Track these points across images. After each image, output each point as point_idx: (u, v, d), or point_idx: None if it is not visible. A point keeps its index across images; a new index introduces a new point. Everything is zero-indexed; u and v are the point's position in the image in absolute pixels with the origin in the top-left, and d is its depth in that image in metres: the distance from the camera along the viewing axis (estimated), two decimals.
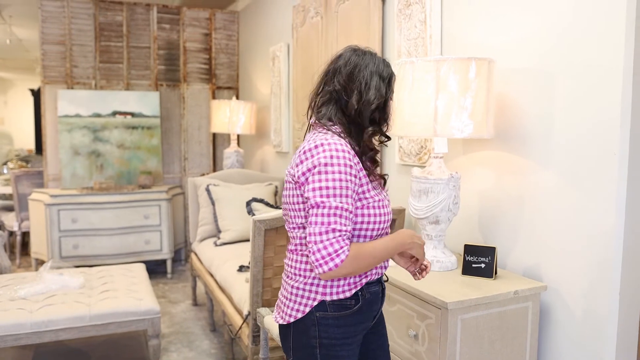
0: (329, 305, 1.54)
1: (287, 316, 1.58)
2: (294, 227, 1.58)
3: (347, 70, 1.57)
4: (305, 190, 1.47)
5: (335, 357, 1.56)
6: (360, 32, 3.24)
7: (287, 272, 1.62)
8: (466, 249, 2.14)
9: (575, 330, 1.97)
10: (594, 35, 1.86)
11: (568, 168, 1.98)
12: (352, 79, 1.56)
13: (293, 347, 1.60)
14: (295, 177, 1.51)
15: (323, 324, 1.54)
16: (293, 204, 1.54)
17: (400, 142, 2.90)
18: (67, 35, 5.29)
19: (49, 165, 5.37)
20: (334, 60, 1.63)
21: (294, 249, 1.59)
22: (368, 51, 1.62)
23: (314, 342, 1.54)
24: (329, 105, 1.60)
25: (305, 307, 1.54)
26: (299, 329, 1.56)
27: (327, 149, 1.47)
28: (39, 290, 3.16)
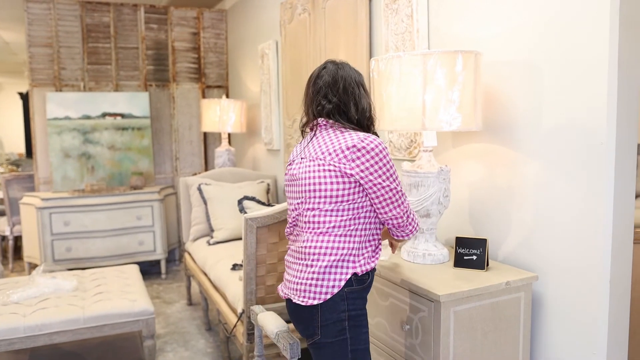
0: (354, 280, 1.77)
1: (322, 295, 1.74)
2: (329, 210, 1.76)
3: (340, 85, 1.82)
4: (375, 184, 1.74)
5: (359, 327, 1.80)
6: (348, 28, 3.24)
7: (313, 253, 1.78)
8: (457, 241, 2.15)
9: (567, 319, 1.99)
10: (580, 27, 1.87)
11: (556, 159, 1.99)
12: (346, 92, 1.82)
13: (322, 325, 1.77)
14: (352, 170, 1.73)
15: (351, 298, 1.78)
16: (335, 191, 1.75)
17: (390, 137, 2.91)
18: (54, 38, 5.26)
19: (40, 168, 5.34)
20: (320, 75, 1.86)
21: (325, 231, 1.77)
22: (343, 62, 1.88)
23: (344, 315, 1.77)
24: (336, 115, 1.83)
25: (340, 282, 1.75)
26: (328, 306, 1.75)
27: (376, 145, 1.74)
28: (32, 294, 3.15)
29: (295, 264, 1.85)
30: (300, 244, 1.84)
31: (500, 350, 1.98)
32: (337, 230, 1.77)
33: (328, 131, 1.83)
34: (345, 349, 1.78)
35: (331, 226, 1.77)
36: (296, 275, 1.82)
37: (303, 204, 1.83)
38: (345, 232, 1.77)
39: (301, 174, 1.83)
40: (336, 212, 1.76)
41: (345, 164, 1.73)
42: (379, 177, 1.74)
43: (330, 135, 1.81)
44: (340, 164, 1.74)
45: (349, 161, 1.73)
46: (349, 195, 1.75)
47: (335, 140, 1.78)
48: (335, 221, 1.77)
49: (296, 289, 1.80)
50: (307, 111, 1.90)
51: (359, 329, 1.80)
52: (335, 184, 1.75)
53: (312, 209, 1.79)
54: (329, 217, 1.77)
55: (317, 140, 1.84)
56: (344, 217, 1.77)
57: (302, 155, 1.87)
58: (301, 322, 1.84)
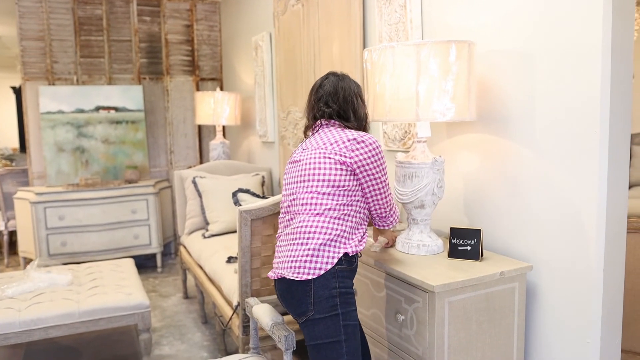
0: (344, 260, 1.90)
1: (315, 270, 1.86)
2: (326, 193, 1.92)
3: (340, 94, 2.03)
4: (368, 173, 1.93)
5: (349, 304, 1.91)
6: (341, 19, 3.23)
7: (308, 232, 1.90)
8: (452, 232, 2.15)
9: (561, 309, 1.99)
10: (574, 16, 1.86)
11: (550, 148, 1.99)
12: (345, 101, 2.04)
13: (314, 301, 1.87)
14: (351, 160, 1.91)
15: (340, 276, 1.89)
16: (332, 176, 1.92)
17: (384, 128, 2.90)
18: (46, 31, 5.22)
19: (34, 163, 5.31)
20: (322, 85, 2.07)
21: (320, 212, 1.91)
22: (344, 74, 2.11)
23: (335, 292, 1.87)
24: (336, 117, 2.04)
25: (333, 259, 1.87)
26: (320, 282, 1.86)
27: (373, 141, 1.95)
28: (27, 289, 3.14)
29: (289, 244, 1.95)
30: (295, 226, 1.95)
31: (494, 340, 1.99)
32: (332, 212, 1.91)
33: (330, 128, 2.03)
34: (338, 323, 1.87)
35: (327, 208, 1.91)
36: (290, 255, 1.92)
37: (301, 187, 1.97)
38: (339, 215, 1.92)
39: (303, 160, 2.00)
40: (332, 196, 1.92)
41: (345, 153, 1.91)
42: (373, 169, 1.94)
43: (332, 131, 2.01)
44: (340, 152, 1.92)
45: (348, 151, 1.92)
46: (344, 181, 1.92)
47: (337, 134, 1.97)
48: (331, 204, 1.91)
49: (290, 267, 1.90)
50: (309, 116, 2.11)
51: (349, 307, 1.91)
52: (334, 170, 1.92)
53: (310, 191, 1.93)
54: (325, 200, 1.91)
55: (320, 135, 2.02)
56: (338, 202, 1.92)
57: (304, 147, 2.05)
58: (293, 300, 1.92)
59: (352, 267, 1.94)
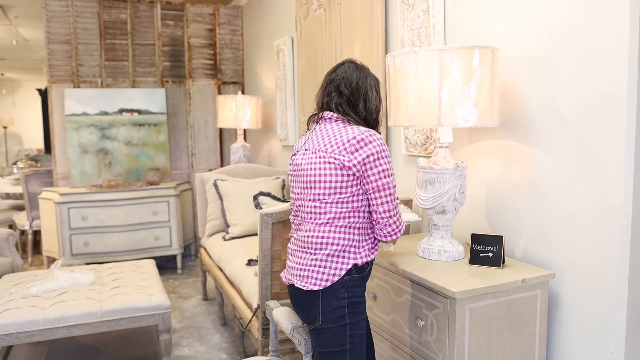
0: (354, 269, 1.85)
1: (323, 281, 1.82)
2: (331, 202, 1.83)
3: (354, 80, 1.90)
4: (369, 175, 1.80)
5: (358, 314, 1.88)
6: (364, 23, 3.23)
7: (316, 243, 1.85)
8: (473, 238, 2.14)
9: (584, 318, 1.97)
10: (598, 20, 1.85)
11: (574, 155, 1.97)
12: (357, 88, 1.90)
13: (322, 312, 1.84)
14: (350, 162, 1.79)
15: (350, 286, 1.85)
16: (337, 182, 1.82)
17: (405, 133, 2.90)
18: (72, 35, 5.32)
19: (58, 164, 5.41)
20: (336, 69, 1.95)
21: (326, 222, 1.84)
22: (364, 66, 1.97)
23: (344, 302, 1.84)
24: (344, 106, 1.90)
25: (341, 271, 1.82)
26: (329, 293, 1.83)
27: (377, 138, 1.82)
28: (51, 288, 3.19)
29: (299, 251, 1.92)
30: (303, 233, 1.91)
31: (515, 348, 1.97)
32: (338, 221, 1.84)
33: (332, 124, 1.90)
34: (344, 333, 1.86)
35: (332, 217, 1.84)
36: (299, 262, 1.90)
37: (305, 195, 1.90)
38: (345, 223, 1.85)
39: (304, 165, 1.90)
40: (336, 204, 1.84)
41: (345, 156, 1.80)
42: (374, 168, 1.81)
43: (334, 127, 1.88)
44: (341, 156, 1.81)
45: (348, 153, 1.80)
46: (347, 187, 1.82)
47: (338, 133, 1.85)
48: (336, 212, 1.84)
49: (299, 275, 1.88)
50: (318, 101, 1.99)
51: (358, 316, 1.88)
52: (335, 176, 1.82)
53: (313, 199, 1.86)
54: (329, 209, 1.84)
55: (322, 132, 1.90)
56: (343, 209, 1.84)
57: (306, 146, 1.94)
58: (302, 307, 1.93)
59: (362, 275, 1.90)
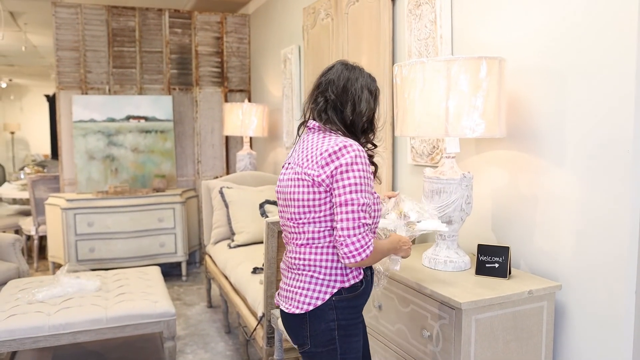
0: (343, 290, 1.72)
1: (305, 305, 1.71)
2: (307, 222, 1.71)
3: (341, 83, 1.76)
4: (335, 188, 1.65)
5: (350, 336, 1.74)
6: (371, 33, 3.25)
7: (298, 265, 1.75)
8: (479, 248, 2.13)
9: (591, 330, 1.96)
10: (606, 32, 1.85)
11: (581, 167, 1.96)
12: (345, 91, 1.76)
13: (310, 335, 1.73)
14: (319, 178, 1.67)
15: (340, 307, 1.71)
16: (310, 200, 1.69)
17: (412, 143, 2.90)
18: (81, 42, 5.36)
19: (65, 169, 5.43)
20: (326, 72, 1.83)
21: (305, 243, 1.73)
22: (357, 66, 1.83)
23: (333, 324, 1.71)
24: (328, 113, 1.77)
25: (325, 295, 1.70)
26: (316, 315, 1.71)
27: (350, 150, 1.66)
28: (57, 294, 3.20)
29: (285, 271, 1.85)
30: (288, 254, 1.83)
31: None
32: (317, 242, 1.72)
33: (313, 135, 1.78)
34: (335, 357, 1.74)
35: (310, 237, 1.72)
36: (287, 283, 1.82)
37: (284, 214, 1.81)
38: (325, 243, 1.72)
39: (284, 181, 1.80)
40: (313, 224, 1.71)
41: (316, 170, 1.68)
42: (340, 181, 1.64)
43: (313, 139, 1.76)
44: (312, 170, 1.69)
45: (319, 167, 1.67)
46: (321, 205, 1.69)
47: (315, 145, 1.73)
48: (313, 232, 1.72)
49: (285, 297, 1.81)
50: (304, 108, 1.88)
51: (350, 339, 1.75)
52: (307, 194, 1.70)
53: (291, 218, 1.76)
54: (307, 228, 1.72)
55: (303, 143, 1.80)
56: (321, 228, 1.71)
57: (290, 159, 1.84)
58: (291, 330, 1.83)
59: (355, 294, 1.76)
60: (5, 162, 12.72)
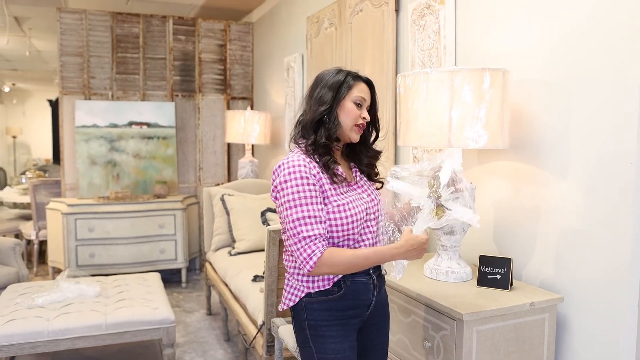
0: (313, 293, 1.78)
1: (287, 301, 1.83)
2: (283, 231, 1.78)
3: (304, 101, 1.84)
4: (275, 199, 1.75)
5: (322, 337, 1.78)
6: (374, 43, 3.26)
7: (285, 268, 1.88)
8: (481, 259, 2.13)
9: (593, 343, 1.95)
10: (610, 45, 1.86)
11: (584, 179, 1.96)
12: (309, 106, 1.82)
13: (295, 329, 1.88)
14: (272, 194, 1.78)
15: (309, 308, 1.78)
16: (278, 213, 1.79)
17: (414, 153, 2.90)
18: (85, 47, 5.38)
19: (67, 174, 5.44)
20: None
21: (285, 250, 1.84)
22: (319, 75, 1.85)
23: (304, 324, 1.80)
24: (298, 128, 1.85)
25: (296, 297, 1.80)
26: (295, 313, 1.83)
27: (285, 167, 1.70)
28: (56, 299, 3.19)
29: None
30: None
31: None
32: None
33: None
34: (312, 356, 1.80)
35: (287, 243, 1.79)
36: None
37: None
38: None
39: None
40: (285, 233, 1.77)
41: (271, 188, 1.79)
42: (277, 200, 1.74)
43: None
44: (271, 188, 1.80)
45: (271, 187, 1.78)
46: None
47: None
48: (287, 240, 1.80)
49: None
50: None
51: (322, 339, 1.77)
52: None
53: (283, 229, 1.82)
54: (284, 236, 1.79)
55: None
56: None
57: None
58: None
59: (326, 298, 1.76)
60: (7, 166, 12.74)
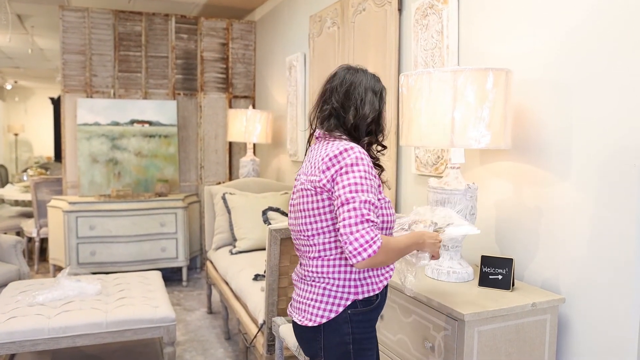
0: (358, 302, 1.68)
1: (318, 317, 1.68)
2: (315, 233, 1.69)
3: (344, 89, 1.75)
4: (335, 190, 1.61)
5: (365, 350, 1.70)
6: (377, 42, 3.25)
7: (311, 277, 1.72)
8: (483, 260, 2.13)
9: (594, 344, 1.94)
10: (612, 46, 1.85)
11: (587, 179, 1.96)
12: (348, 97, 1.74)
13: (324, 347, 1.70)
14: (320, 183, 1.65)
15: (355, 321, 1.68)
16: (315, 210, 1.68)
17: (416, 152, 2.90)
18: (87, 45, 5.38)
19: (68, 172, 5.44)
20: (330, 80, 1.82)
21: (317, 256, 1.70)
22: (360, 68, 1.81)
23: (348, 338, 1.67)
24: (331, 120, 1.76)
25: (338, 307, 1.67)
26: (331, 328, 1.68)
27: (351, 153, 1.63)
28: (57, 297, 3.19)
29: (298, 282, 1.82)
30: (300, 266, 1.83)
31: None
32: (328, 253, 1.69)
33: (320, 144, 1.78)
34: None
35: (321, 249, 1.69)
36: (300, 294, 1.79)
37: (295, 226, 1.79)
38: (336, 255, 1.68)
39: (294, 194, 1.80)
40: (322, 235, 1.68)
41: (317, 175, 1.67)
42: (341, 182, 1.60)
43: (319, 147, 1.76)
44: (314, 176, 1.68)
45: (320, 172, 1.66)
46: (326, 213, 1.66)
47: (320, 152, 1.73)
48: (323, 244, 1.69)
49: (298, 308, 1.78)
50: (310, 119, 1.86)
51: (364, 352, 1.71)
52: (311, 203, 1.68)
53: (301, 230, 1.74)
54: (316, 240, 1.70)
55: (311, 153, 1.80)
56: (331, 239, 1.68)
57: (299, 171, 1.83)
58: (304, 341, 1.82)
59: (371, 308, 1.72)
60: (9, 164, 12.74)
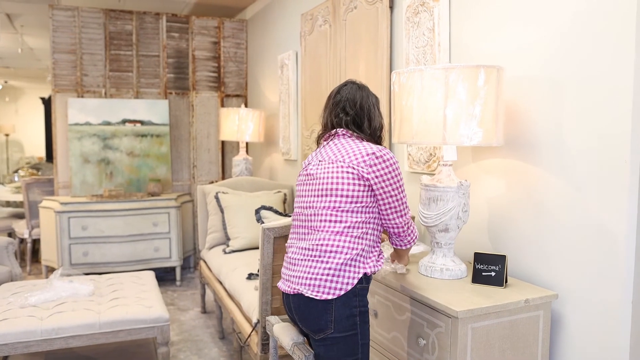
0: (364, 278, 1.90)
1: (337, 290, 1.85)
2: (346, 210, 1.89)
3: (357, 101, 2.02)
4: (387, 191, 1.90)
5: (366, 322, 1.93)
6: (369, 40, 3.25)
7: (330, 251, 1.88)
8: (476, 257, 2.13)
9: (587, 340, 1.95)
10: (604, 43, 1.86)
11: (578, 175, 1.97)
12: (362, 109, 2.02)
13: (335, 319, 1.86)
14: (367, 174, 1.88)
15: (361, 295, 1.90)
16: (351, 191, 1.89)
17: (409, 150, 2.90)
18: (78, 44, 5.34)
19: (60, 172, 5.41)
20: (340, 90, 2.06)
21: (341, 231, 1.89)
22: (363, 85, 2.09)
23: (355, 310, 1.88)
24: (351, 125, 2.02)
25: (354, 280, 1.86)
26: (342, 301, 1.86)
27: (391, 156, 1.92)
28: (49, 298, 3.17)
29: (307, 260, 1.92)
30: (314, 242, 1.92)
31: None
32: (352, 231, 1.89)
33: (347, 140, 1.99)
34: (356, 343, 1.89)
35: (347, 226, 1.89)
36: (309, 272, 1.89)
37: (319, 202, 1.94)
38: (358, 233, 1.90)
39: (320, 174, 1.96)
40: (352, 214, 1.89)
41: (364, 168, 1.88)
42: (390, 186, 1.90)
43: (349, 142, 1.97)
44: (359, 167, 1.89)
45: (367, 166, 1.88)
46: (363, 197, 1.89)
47: (355, 146, 1.94)
48: (351, 222, 1.89)
49: (309, 284, 1.88)
50: (326, 122, 2.08)
51: (366, 325, 1.93)
52: (352, 185, 1.88)
53: (330, 207, 1.91)
54: (346, 217, 1.89)
55: (336, 145, 1.99)
56: (358, 219, 1.90)
57: (320, 158, 2.01)
58: (311, 316, 1.91)
59: (368, 285, 1.95)
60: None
